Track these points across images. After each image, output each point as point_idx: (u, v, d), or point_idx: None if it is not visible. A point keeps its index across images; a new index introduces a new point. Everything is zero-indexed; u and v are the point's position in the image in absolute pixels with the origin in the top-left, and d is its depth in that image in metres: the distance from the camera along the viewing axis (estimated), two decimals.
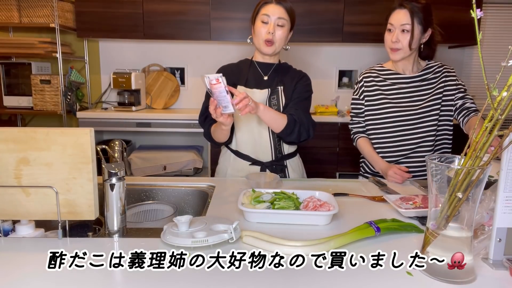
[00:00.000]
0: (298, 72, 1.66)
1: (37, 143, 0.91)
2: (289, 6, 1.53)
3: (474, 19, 0.72)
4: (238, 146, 1.61)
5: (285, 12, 1.51)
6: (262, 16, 1.51)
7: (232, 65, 1.67)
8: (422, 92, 1.64)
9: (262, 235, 0.95)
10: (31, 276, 0.78)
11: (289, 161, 1.65)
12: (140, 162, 3.17)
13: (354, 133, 1.77)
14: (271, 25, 1.50)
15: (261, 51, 1.56)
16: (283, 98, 1.58)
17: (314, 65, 3.61)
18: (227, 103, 1.24)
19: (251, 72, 1.62)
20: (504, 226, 0.84)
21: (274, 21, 1.50)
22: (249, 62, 1.65)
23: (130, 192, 1.43)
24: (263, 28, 1.51)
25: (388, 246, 0.95)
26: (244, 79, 1.60)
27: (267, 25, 1.51)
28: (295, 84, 1.61)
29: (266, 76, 1.61)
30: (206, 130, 1.58)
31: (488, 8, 3.55)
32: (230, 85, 1.51)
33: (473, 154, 0.75)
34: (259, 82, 1.60)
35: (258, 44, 1.55)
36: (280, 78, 1.62)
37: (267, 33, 1.51)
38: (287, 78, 1.63)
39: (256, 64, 1.63)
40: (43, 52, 3.11)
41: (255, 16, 1.55)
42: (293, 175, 1.65)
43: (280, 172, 1.62)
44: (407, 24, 1.52)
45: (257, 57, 1.64)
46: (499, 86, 0.72)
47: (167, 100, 3.57)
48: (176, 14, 3.16)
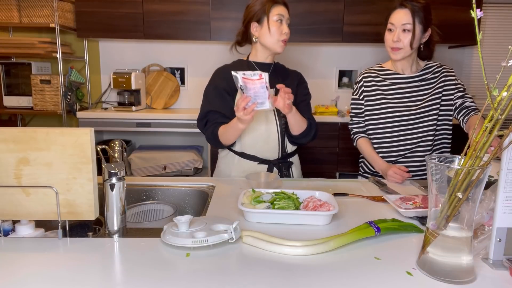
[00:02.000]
0: (295, 73, 1.70)
1: (37, 143, 0.91)
2: (286, 2, 1.58)
3: (474, 19, 0.72)
4: (243, 147, 1.59)
5: (287, 11, 1.57)
6: (277, 16, 1.52)
7: (228, 66, 1.66)
8: (421, 92, 1.64)
9: (262, 235, 0.95)
10: (31, 276, 0.78)
11: (292, 159, 1.68)
12: (140, 162, 3.17)
13: (354, 133, 1.77)
14: (285, 25, 1.54)
15: (276, 50, 1.57)
16: None
17: (314, 65, 3.61)
18: (265, 99, 1.25)
19: None
20: (504, 226, 0.84)
21: (285, 21, 1.55)
22: (245, 63, 1.64)
23: (130, 192, 1.43)
24: (279, 27, 1.53)
25: (388, 246, 0.95)
26: None
27: (282, 25, 1.54)
28: (296, 86, 1.64)
29: None
30: (210, 134, 1.54)
31: (488, 8, 3.55)
32: (231, 89, 1.52)
33: (473, 154, 0.75)
34: None
35: (273, 43, 1.55)
36: (280, 78, 1.63)
37: (283, 33, 1.54)
38: (287, 79, 1.64)
39: (254, 65, 1.63)
40: (43, 52, 3.11)
41: (262, 16, 1.53)
42: (296, 172, 1.68)
43: (286, 169, 1.63)
44: (408, 24, 1.52)
45: (254, 57, 1.63)
46: (499, 86, 0.72)
47: (167, 100, 3.57)
48: (176, 14, 3.16)
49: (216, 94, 1.57)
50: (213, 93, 1.58)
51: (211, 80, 1.63)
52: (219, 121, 1.53)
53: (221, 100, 1.56)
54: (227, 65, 1.67)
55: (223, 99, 1.56)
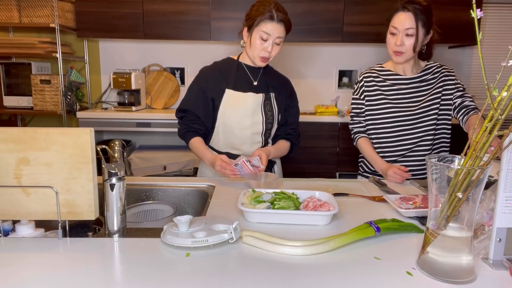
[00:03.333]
0: (283, 79, 1.72)
1: (37, 143, 0.91)
2: (288, 22, 1.49)
3: (474, 19, 0.72)
4: (228, 147, 1.63)
5: (284, 31, 1.49)
6: (262, 32, 1.46)
7: (216, 65, 1.66)
8: (421, 93, 1.64)
9: (262, 235, 0.95)
10: (31, 276, 0.78)
11: (275, 159, 1.72)
12: (140, 162, 3.17)
13: (355, 133, 1.77)
14: (270, 44, 1.48)
15: (254, 63, 1.58)
16: (276, 106, 1.64)
17: (314, 65, 3.61)
18: (247, 173, 1.42)
19: (238, 74, 1.61)
20: (504, 226, 0.84)
21: (273, 40, 1.48)
22: (235, 63, 1.63)
23: (130, 192, 1.43)
24: (260, 44, 1.49)
25: (388, 246, 0.95)
26: (232, 82, 1.59)
27: (265, 42, 1.48)
28: (285, 95, 1.68)
29: (255, 82, 1.62)
30: (182, 134, 1.63)
31: (488, 8, 3.55)
32: (216, 90, 1.58)
33: (473, 154, 0.75)
34: (248, 86, 1.60)
35: (253, 56, 1.54)
36: (270, 83, 1.64)
37: (264, 50, 1.49)
38: (276, 85, 1.66)
39: (244, 67, 1.63)
40: (43, 52, 3.11)
41: (252, 26, 1.48)
42: (277, 171, 1.74)
43: (269, 169, 1.66)
44: (411, 28, 1.51)
45: (244, 59, 1.63)
46: (499, 86, 0.72)
47: (167, 100, 3.57)
48: (176, 14, 3.16)
49: (198, 95, 1.60)
50: (197, 94, 1.60)
51: (197, 78, 1.64)
52: (193, 127, 1.59)
53: (201, 103, 1.59)
54: (216, 63, 1.67)
55: (203, 102, 1.59)
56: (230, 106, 1.58)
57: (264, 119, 1.60)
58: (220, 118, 1.59)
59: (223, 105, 1.58)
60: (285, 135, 1.69)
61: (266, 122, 1.61)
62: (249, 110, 1.58)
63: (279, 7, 1.47)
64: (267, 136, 1.65)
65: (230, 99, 1.58)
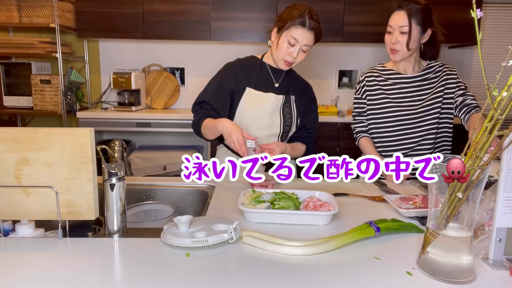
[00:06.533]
0: (305, 83, 1.70)
1: (37, 143, 0.91)
2: (319, 31, 1.46)
3: (474, 19, 0.72)
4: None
5: (313, 39, 1.47)
6: (290, 37, 1.44)
7: (240, 62, 1.63)
8: (423, 92, 1.64)
9: (262, 235, 0.95)
10: (31, 276, 0.78)
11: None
12: (140, 162, 3.17)
13: (357, 133, 1.77)
14: (296, 50, 1.47)
15: (277, 65, 1.57)
16: (295, 110, 1.62)
17: (314, 65, 3.61)
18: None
19: (261, 74, 1.60)
20: (504, 226, 0.84)
21: (300, 47, 1.46)
22: (258, 63, 1.62)
23: (130, 192, 1.43)
24: (287, 48, 1.47)
25: (388, 246, 0.95)
26: (253, 81, 1.58)
27: (292, 47, 1.47)
28: (306, 99, 1.66)
29: (277, 83, 1.61)
30: (196, 121, 1.54)
31: (488, 8, 3.55)
32: (237, 89, 1.56)
33: (473, 154, 0.75)
34: (269, 87, 1.59)
35: (277, 58, 1.52)
36: (291, 86, 1.63)
37: (289, 55, 1.48)
38: (297, 89, 1.65)
39: (268, 67, 1.62)
40: (43, 52, 3.11)
41: (282, 29, 1.46)
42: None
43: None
44: (405, 26, 1.53)
45: (268, 59, 1.62)
46: (499, 86, 0.72)
47: (167, 100, 3.57)
48: (176, 14, 3.16)
49: (218, 89, 1.56)
50: (216, 87, 1.57)
51: (220, 72, 1.62)
52: (208, 114, 1.52)
53: (220, 97, 1.56)
54: (240, 60, 1.65)
55: (222, 97, 1.56)
56: (249, 104, 1.56)
57: (282, 121, 1.59)
58: (238, 116, 1.58)
59: (242, 103, 1.57)
60: (301, 138, 1.68)
61: (284, 125, 1.60)
62: (268, 111, 1.57)
63: (313, 15, 1.44)
64: (283, 139, 1.64)
65: (250, 98, 1.57)
